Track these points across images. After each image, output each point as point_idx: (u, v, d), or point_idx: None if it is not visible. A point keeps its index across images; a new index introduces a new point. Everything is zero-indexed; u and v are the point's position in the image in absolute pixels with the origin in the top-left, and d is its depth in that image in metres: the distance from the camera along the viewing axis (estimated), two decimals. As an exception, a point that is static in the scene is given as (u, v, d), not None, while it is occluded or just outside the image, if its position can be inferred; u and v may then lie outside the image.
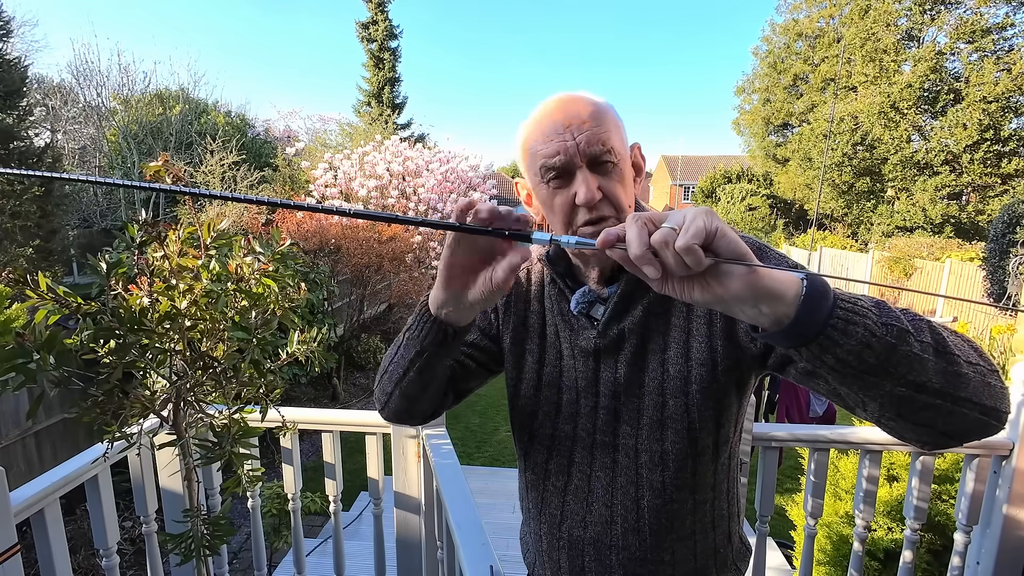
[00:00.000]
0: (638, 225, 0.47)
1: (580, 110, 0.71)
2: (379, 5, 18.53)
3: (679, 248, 0.45)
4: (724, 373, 0.76)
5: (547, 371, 0.86)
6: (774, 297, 0.48)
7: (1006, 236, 9.49)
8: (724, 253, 0.46)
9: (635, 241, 0.47)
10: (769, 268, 0.48)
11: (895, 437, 0.60)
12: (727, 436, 0.81)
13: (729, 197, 23.47)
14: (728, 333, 0.75)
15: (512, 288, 0.90)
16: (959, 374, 0.53)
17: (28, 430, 3.61)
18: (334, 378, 6.08)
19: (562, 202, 0.73)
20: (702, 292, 0.49)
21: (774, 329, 0.50)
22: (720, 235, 0.46)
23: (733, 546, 0.90)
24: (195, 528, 1.15)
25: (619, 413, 0.81)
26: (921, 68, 17.26)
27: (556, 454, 0.86)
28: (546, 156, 0.71)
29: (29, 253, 6.59)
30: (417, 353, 0.74)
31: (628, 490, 0.81)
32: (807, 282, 0.49)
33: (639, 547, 0.81)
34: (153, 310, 0.98)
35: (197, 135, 11.13)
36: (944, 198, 18.02)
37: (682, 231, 0.45)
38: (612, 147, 0.71)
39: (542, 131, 0.72)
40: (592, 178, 0.71)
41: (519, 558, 1.02)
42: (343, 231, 6.23)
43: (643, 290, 0.78)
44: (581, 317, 0.82)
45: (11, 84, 6.92)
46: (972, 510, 1.46)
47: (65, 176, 0.56)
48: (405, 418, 0.87)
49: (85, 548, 3.22)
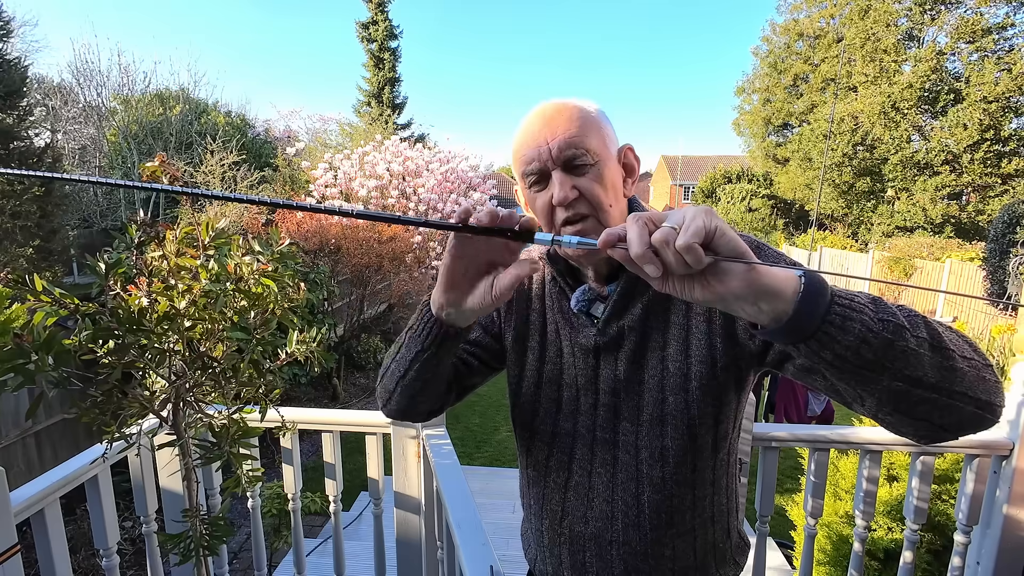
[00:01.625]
0: (639, 225, 0.48)
1: (557, 117, 0.74)
2: (379, 5, 18.53)
3: (679, 247, 0.45)
4: (723, 370, 0.77)
5: (548, 368, 0.88)
6: (773, 294, 0.49)
7: (1006, 236, 9.49)
8: (724, 251, 0.47)
9: (636, 240, 0.47)
10: (768, 266, 0.49)
11: (892, 432, 0.60)
12: (726, 432, 0.82)
13: (729, 197, 23.48)
14: (727, 331, 0.76)
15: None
16: (954, 368, 0.54)
17: (28, 430, 3.62)
18: (334, 378, 6.08)
19: (542, 203, 0.76)
20: (702, 290, 0.50)
21: (773, 326, 0.51)
22: (719, 234, 0.47)
23: (732, 541, 0.91)
24: (194, 528, 1.15)
25: (619, 410, 0.82)
26: (921, 68, 17.26)
27: (557, 451, 0.87)
28: (525, 162, 0.76)
29: (29, 253, 6.59)
30: (418, 352, 0.76)
31: (628, 486, 0.82)
32: (805, 279, 0.50)
33: (640, 542, 0.82)
34: (152, 310, 0.98)
35: (197, 135, 11.13)
36: (944, 198, 18.02)
37: (682, 230, 0.46)
38: (588, 148, 0.73)
39: (523, 139, 0.76)
40: (567, 179, 0.73)
41: (519, 558, 1.02)
42: (343, 231, 6.23)
43: (643, 288, 0.79)
44: (581, 315, 0.83)
45: (11, 84, 6.91)
46: (972, 510, 1.46)
47: (65, 176, 0.56)
48: (407, 415, 0.89)
49: (85, 548, 3.22)
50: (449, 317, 0.70)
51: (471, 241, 0.63)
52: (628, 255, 0.48)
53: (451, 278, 0.66)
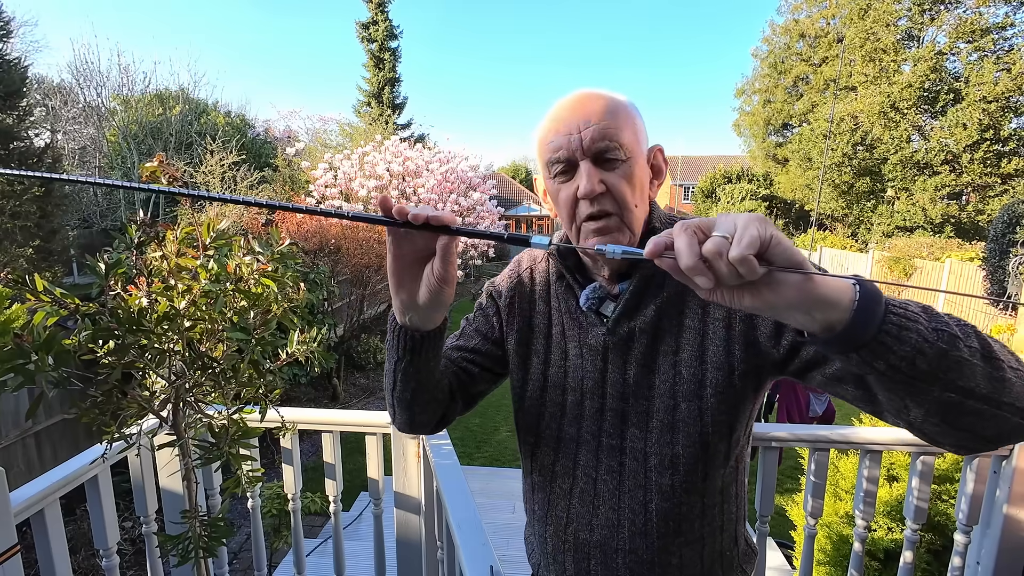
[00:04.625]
0: (687, 234, 0.45)
1: (591, 106, 0.71)
2: (379, 5, 18.54)
3: (733, 259, 0.43)
4: (741, 377, 0.74)
5: (552, 372, 0.86)
6: (829, 304, 0.47)
7: (1006, 236, 9.50)
8: (779, 261, 0.45)
9: (686, 252, 0.44)
10: (824, 275, 0.47)
11: (927, 442, 0.58)
12: (738, 439, 0.80)
13: (729, 197, 23.47)
14: (747, 338, 0.73)
15: (517, 289, 0.90)
16: (1004, 379, 0.53)
17: (28, 430, 3.62)
18: (334, 378, 6.08)
19: (566, 196, 0.73)
20: (752, 299, 0.47)
21: (825, 335, 0.49)
22: (775, 243, 0.44)
23: (739, 548, 0.89)
24: (193, 529, 1.15)
25: (626, 415, 0.80)
26: (921, 68, 17.25)
27: (562, 456, 0.85)
28: (552, 150, 0.72)
29: (29, 253, 6.59)
30: (396, 363, 0.76)
31: (636, 493, 0.80)
32: (860, 288, 0.49)
33: (646, 550, 0.80)
34: (152, 310, 0.98)
35: (197, 135, 11.14)
36: (944, 198, 18.01)
37: (735, 241, 0.43)
38: (621, 142, 0.70)
39: (553, 126, 0.73)
40: (595, 172, 0.70)
41: (519, 558, 1.02)
42: (343, 231, 6.24)
43: (656, 289, 0.77)
44: (590, 314, 0.81)
45: (11, 84, 6.91)
46: (972, 510, 1.46)
47: (65, 176, 0.56)
48: (414, 428, 0.87)
49: (85, 548, 3.22)
50: (412, 321, 0.70)
51: (406, 238, 0.63)
52: (675, 265, 0.46)
53: (397, 278, 0.66)
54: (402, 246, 0.64)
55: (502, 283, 0.93)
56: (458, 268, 0.68)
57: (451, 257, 0.63)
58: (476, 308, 0.96)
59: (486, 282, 0.97)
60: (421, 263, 0.65)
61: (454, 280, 0.66)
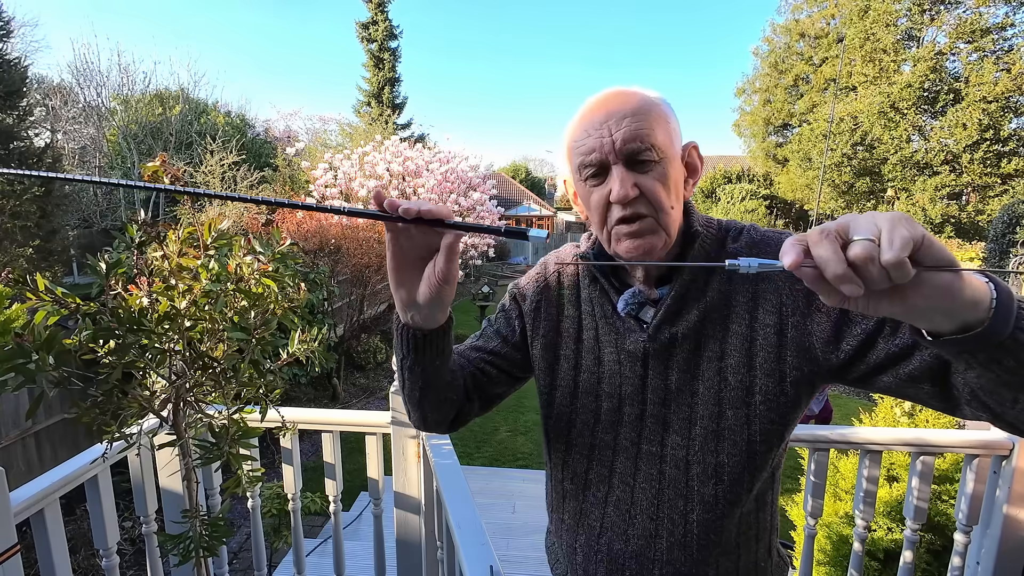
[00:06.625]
0: (830, 240, 0.42)
1: (621, 105, 0.69)
2: (379, 5, 18.55)
3: (887, 262, 0.40)
4: (793, 385, 0.72)
5: (584, 377, 0.83)
6: (973, 303, 0.45)
7: (1006, 236, 9.49)
8: (929, 262, 0.42)
9: (834, 259, 0.41)
10: (971, 272, 0.45)
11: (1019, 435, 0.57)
12: (782, 448, 0.78)
13: (729, 197, 23.46)
14: (800, 344, 0.71)
15: (542, 293, 0.88)
16: None
17: (28, 430, 3.62)
18: (334, 378, 6.08)
19: (598, 199, 0.71)
20: (891, 303, 0.45)
21: (959, 334, 0.47)
22: (927, 243, 0.41)
23: (773, 560, 0.86)
24: (193, 529, 1.15)
25: (668, 422, 0.77)
26: (921, 68, 17.25)
27: (596, 464, 0.83)
28: (583, 153, 0.70)
29: (29, 253, 6.59)
30: (402, 361, 0.76)
31: (676, 503, 0.77)
32: (995, 286, 0.47)
33: (684, 562, 0.78)
34: (152, 310, 0.98)
35: (197, 135, 11.14)
36: (944, 198, 18.00)
37: (886, 243, 0.40)
38: (654, 144, 0.68)
39: (582, 127, 0.71)
40: (628, 175, 0.68)
41: (519, 558, 1.02)
42: (343, 231, 6.24)
43: (698, 294, 0.75)
44: (629, 319, 0.78)
45: (11, 84, 6.92)
46: (972, 510, 1.46)
47: (65, 176, 0.56)
48: (427, 426, 0.86)
49: (85, 548, 3.22)
50: (414, 319, 0.70)
51: (404, 234, 0.63)
52: (815, 275, 0.43)
53: (397, 275, 0.66)
54: (400, 243, 0.64)
55: (527, 286, 0.91)
56: (458, 268, 0.68)
57: (455, 256, 0.62)
58: (499, 310, 0.94)
59: (510, 284, 0.95)
60: (421, 261, 0.65)
61: (455, 279, 0.65)
